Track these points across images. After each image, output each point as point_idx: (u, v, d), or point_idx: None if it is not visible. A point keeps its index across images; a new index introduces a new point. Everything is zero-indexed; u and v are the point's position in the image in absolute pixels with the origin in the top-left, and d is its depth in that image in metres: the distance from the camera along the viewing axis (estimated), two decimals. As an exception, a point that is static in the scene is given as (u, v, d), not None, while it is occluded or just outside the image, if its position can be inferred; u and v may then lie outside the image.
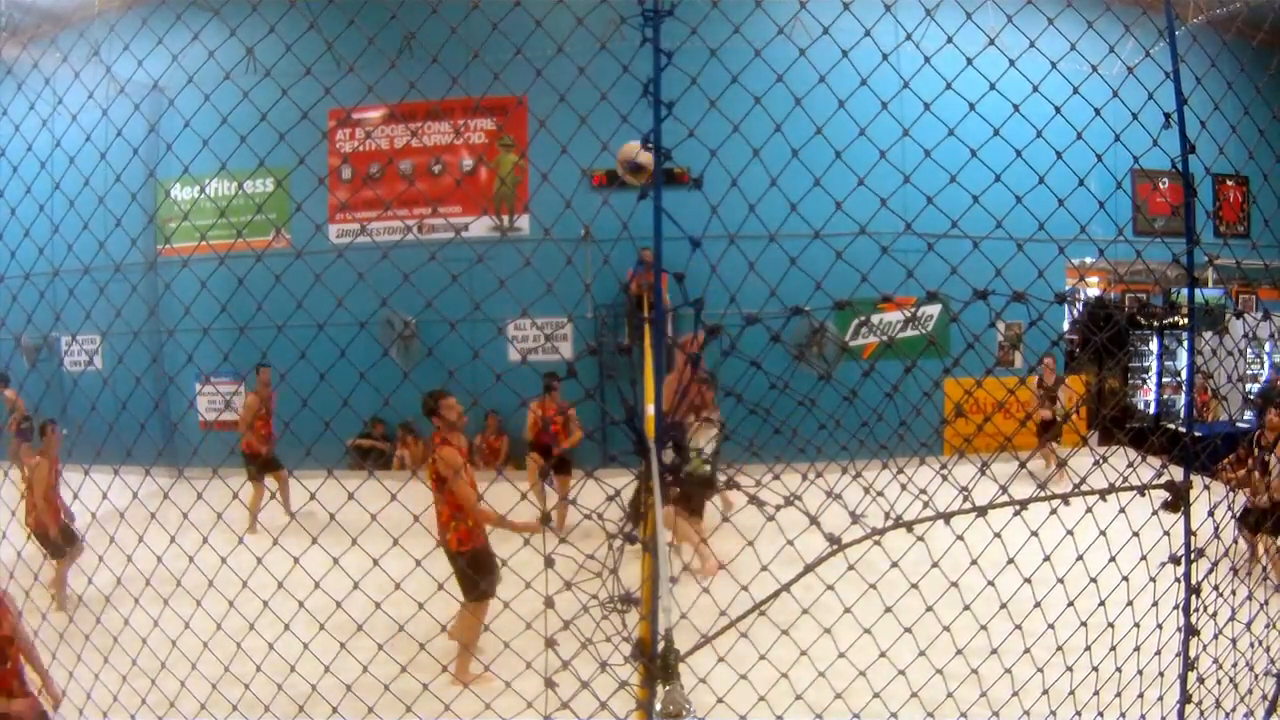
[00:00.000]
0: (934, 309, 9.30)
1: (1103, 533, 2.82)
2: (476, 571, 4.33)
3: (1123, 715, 3.03)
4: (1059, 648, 2.98)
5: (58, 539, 5.73)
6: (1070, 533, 2.79)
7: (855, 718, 2.98)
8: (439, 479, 4.44)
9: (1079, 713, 3.05)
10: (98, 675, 3.50)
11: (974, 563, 2.92)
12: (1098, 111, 2.83)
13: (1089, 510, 2.78)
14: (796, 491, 2.53)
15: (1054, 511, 2.72)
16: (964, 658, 3.00)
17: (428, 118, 10.69)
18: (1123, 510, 2.86)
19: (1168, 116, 2.75)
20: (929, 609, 2.91)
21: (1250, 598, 3.20)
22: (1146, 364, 12.09)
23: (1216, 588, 3.08)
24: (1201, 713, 3.16)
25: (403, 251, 3.47)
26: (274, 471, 7.92)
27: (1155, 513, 2.85)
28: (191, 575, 3.29)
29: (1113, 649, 2.96)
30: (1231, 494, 3.45)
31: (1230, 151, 3.12)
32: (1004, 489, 2.71)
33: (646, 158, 2.32)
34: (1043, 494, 2.75)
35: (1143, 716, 3.06)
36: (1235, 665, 3.22)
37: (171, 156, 4.92)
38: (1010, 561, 2.88)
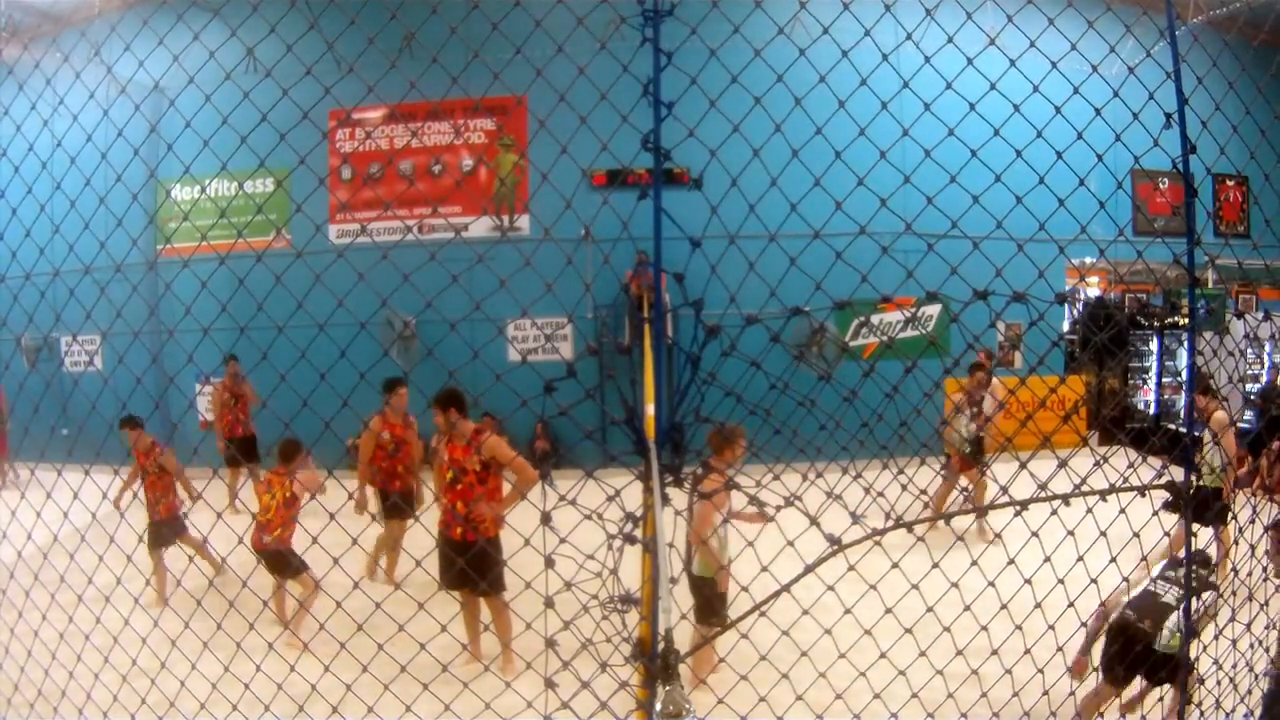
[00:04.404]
0: (934, 309, 9.30)
1: (1103, 534, 2.82)
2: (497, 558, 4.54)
3: (1123, 716, 3.02)
4: (1059, 648, 2.98)
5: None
6: (1071, 533, 2.78)
7: (855, 718, 2.98)
8: (486, 466, 4.58)
9: (1079, 714, 3.05)
10: (98, 675, 3.50)
11: (974, 563, 2.92)
12: (1098, 111, 2.82)
13: (1089, 511, 2.78)
14: (796, 492, 2.53)
15: (1054, 512, 2.72)
16: (964, 658, 3.00)
17: (428, 118, 10.69)
18: (1123, 511, 2.85)
19: (1168, 116, 2.74)
20: (929, 609, 2.91)
21: (1250, 598, 3.20)
22: (1147, 364, 12.08)
23: (1217, 588, 3.08)
24: (1201, 713, 3.16)
25: (403, 251, 3.47)
26: (249, 460, 7.98)
27: (1156, 514, 2.85)
28: (191, 574, 3.29)
29: (1113, 649, 2.96)
30: (1232, 495, 3.46)
31: (1231, 151, 3.12)
32: (1004, 489, 2.71)
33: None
34: (1043, 495, 2.75)
35: (1143, 716, 3.06)
36: (1235, 666, 3.22)
37: (172, 157, 4.92)
38: (1011, 562, 2.88)
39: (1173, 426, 10.09)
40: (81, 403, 3.55)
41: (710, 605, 4.26)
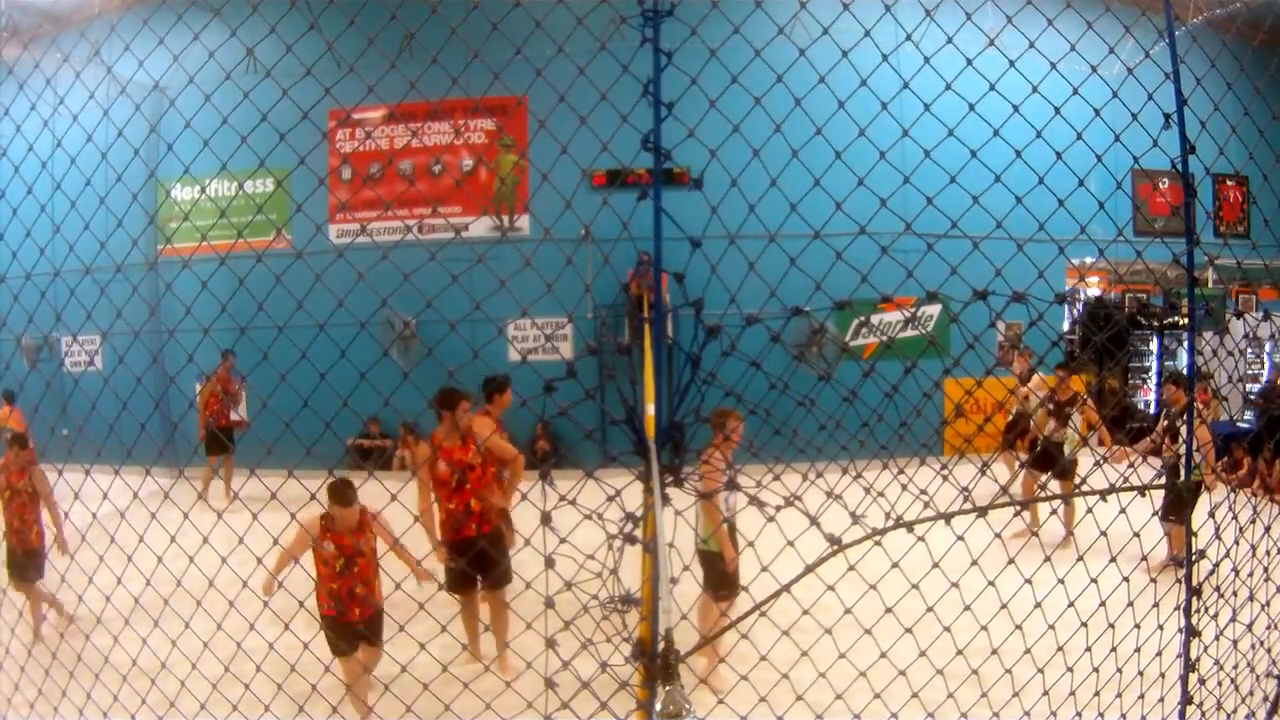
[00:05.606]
0: (934, 309, 9.29)
1: (1103, 533, 2.82)
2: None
3: (1123, 716, 3.03)
4: (1059, 648, 2.98)
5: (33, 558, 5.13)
6: (1071, 533, 2.79)
7: (856, 718, 2.98)
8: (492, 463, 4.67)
9: (1080, 713, 3.05)
10: (98, 675, 3.50)
11: (974, 563, 2.91)
12: (1097, 112, 2.83)
13: (1089, 511, 2.78)
14: (796, 492, 2.53)
15: (1054, 512, 2.72)
16: (964, 658, 3.00)
17: (428, 118, 10.69)
18: (1123, 511, 2.86)
19: (1167, 117, 2.74)
20: (929, 609, 2.91)
21: (1251, 598, 3.20)
22: (1147, 364, 12.09)
23: (1218, 588, 3.08)
24: (1203, 714, 3.16)
25: (403, 251, 3.47)
26: (222, 450, 8.41)
27: (1156, 513, 2.85)
28: (192, 574, 3.29)
29: (1113, 650, 2.96)
30: (1232, 494, 3.46)
31: (1230, 151, 3.12)
32: (1004, 489, 2.71)
33: None
34: (1043, 495, 2.76)
35: (1144, 718, 3.06)
36: (1236, 666, 3.22)
37: (172, 157, 4.91)
38: (1011, 562, 2.88)
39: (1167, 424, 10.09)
40: (82, 403, 3.55)
41: (722, 579, 4.28)
